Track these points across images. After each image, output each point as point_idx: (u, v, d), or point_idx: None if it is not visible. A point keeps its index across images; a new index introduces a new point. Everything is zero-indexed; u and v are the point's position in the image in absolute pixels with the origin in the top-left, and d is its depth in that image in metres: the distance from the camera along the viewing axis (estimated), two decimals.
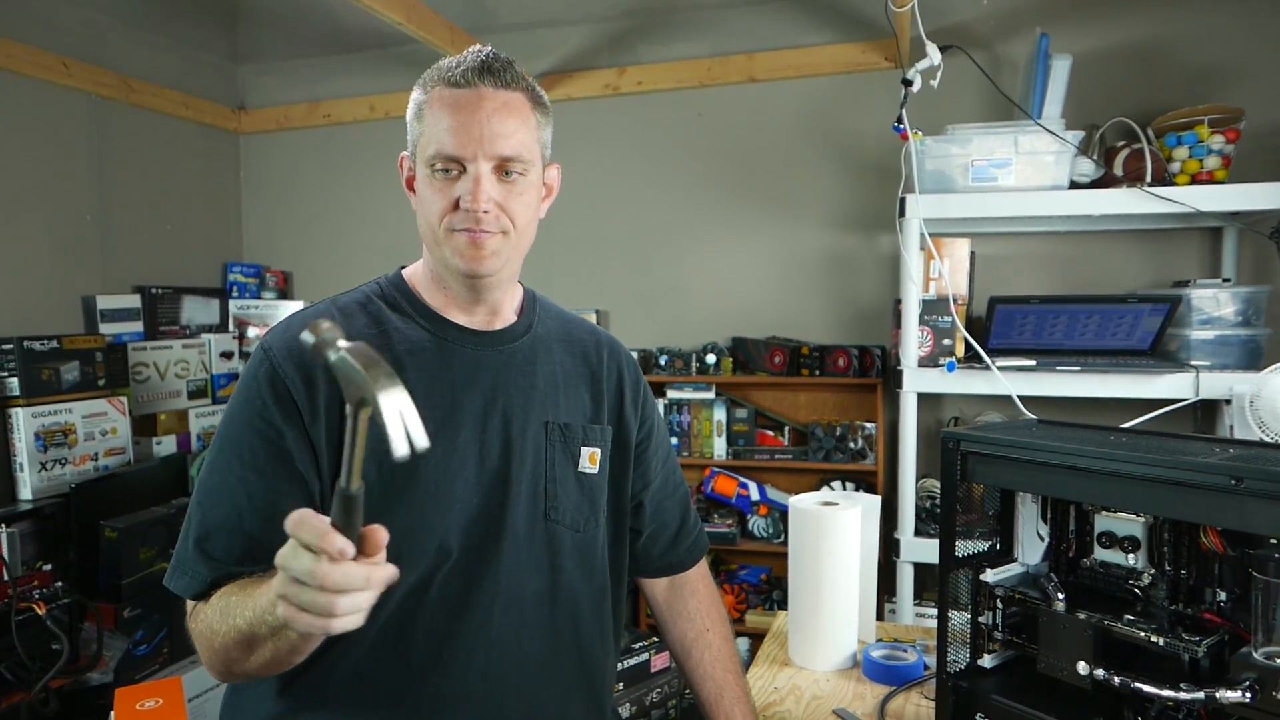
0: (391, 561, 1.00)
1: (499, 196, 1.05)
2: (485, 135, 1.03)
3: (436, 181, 1.05)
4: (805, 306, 3.32)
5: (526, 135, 1.06)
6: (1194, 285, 2.50)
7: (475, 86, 1.04)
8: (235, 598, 0.94)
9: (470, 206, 1.03)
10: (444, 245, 1.06)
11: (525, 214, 1.08)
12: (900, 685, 1.45)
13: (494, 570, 1.07)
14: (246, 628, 0.91)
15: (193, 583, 0.99)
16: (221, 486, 1.01)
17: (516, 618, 1.09)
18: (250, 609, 0.90)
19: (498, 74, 1.05)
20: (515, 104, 1.06)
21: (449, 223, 1.05)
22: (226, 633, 0.93)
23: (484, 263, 1.06)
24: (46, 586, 2.25)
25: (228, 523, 1.00)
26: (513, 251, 1.09)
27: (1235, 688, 0.89)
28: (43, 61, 3.09)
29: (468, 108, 1.03)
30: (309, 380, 1.02)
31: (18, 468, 2.76)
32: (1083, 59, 2.72)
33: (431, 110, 1.05)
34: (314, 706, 1.04)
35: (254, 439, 1.01)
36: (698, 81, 3.39)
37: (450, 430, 1.07)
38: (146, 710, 1.62)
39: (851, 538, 1.54)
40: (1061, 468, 1.05)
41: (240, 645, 0.93)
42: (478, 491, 1.07)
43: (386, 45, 3.69)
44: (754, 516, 3.23)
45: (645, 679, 2.37)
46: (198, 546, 1.00)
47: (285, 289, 4.02)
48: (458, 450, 1.07)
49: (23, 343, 2.78)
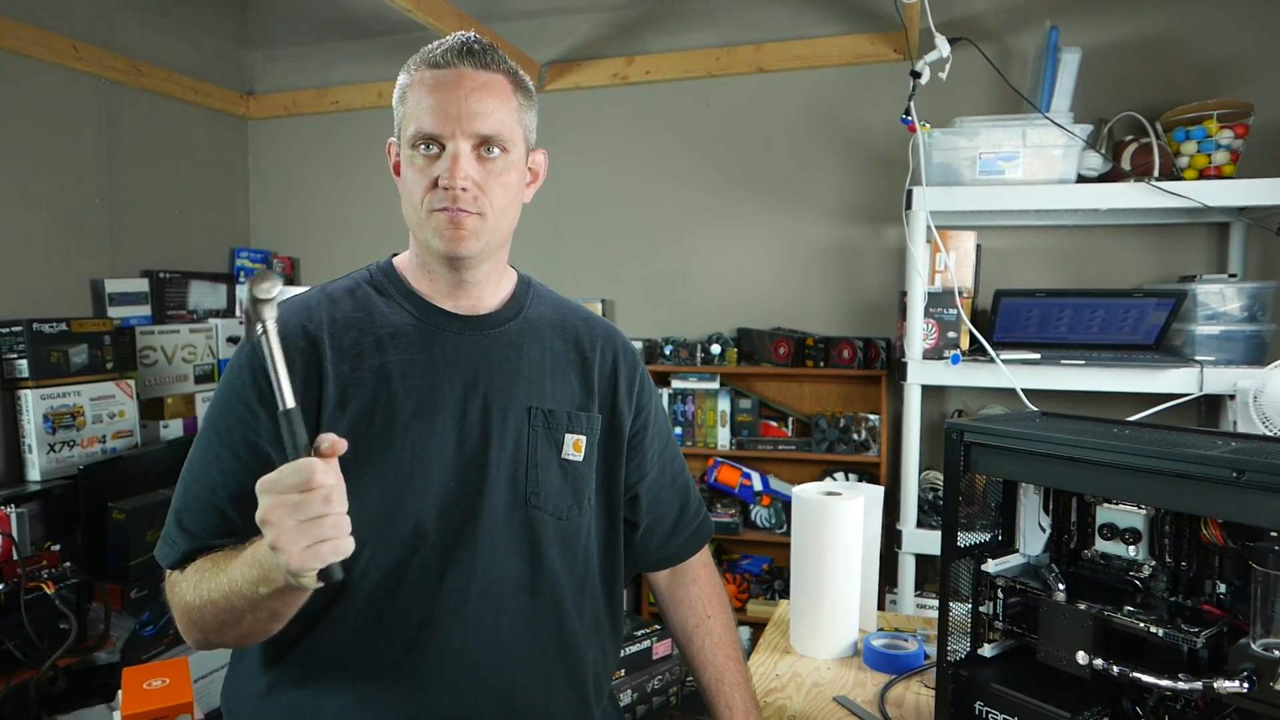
0: (368, 542, 1.04)
1: (477, 176, 1.05)
2: (464, 113, 1.04)
3: (418, 161, 1.06)
4: (810, 298, 3.32)
5: (506, 115, 1.07)
6: (1200, 280, 2.50)
7: (455, 67, 1.06)
8: (208, 571, 0.99)
9: (447, 184, 1.03)
10: (425, 227, 1.07)
11: (504, 196, 1.09)
12: (901, 674, 1.47)
13: (470, 554, 1.07)
14: (223, 600, 0.95)
15: (170, 553, 1.04)
16: (200, 463, 1.07)
17: (494, 603, 1.09)
18: (225, 581, 0.94)
19: (478, 55, 1.07)
20: (495, 84, 1.07)
21: (429, 202, 1.05)
22: (201, 604, 0.97)
23: (462, 244, 1.06)
24: (55, 566, 2.27)
25: (203, 497, 1.04)
26: (492, 234, 1.09)
27: (1233, 678, 0.89)
28: (53, 44, 3.09)
29: (447, 87, 1.05)
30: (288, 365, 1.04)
31: (26, 449, 2.79)
32: (1092, 52, 2.71)
33: (414, 92, 1.07)
34: (299, 683, 1.06)
35: (230, 419, 1.06)
36: (706, 71, 3.39)
37: (428, 413, 1.08)
38: (154, 689, 1.64)
39: (854, 527, 1.54)
40: (1064, 459, 1.05)
41: (216, 614, 0.97)
42: (455, 475, 1.08)
43: (395, 32, 3.69)
44: (757, 507, 3.24)
45: (647, 666, 2.39)
46: (176, 519, 1.05)
47: (292, 275, 4.03)
48: (435, 433, 1.07)
49: (31, 325, 2.80)
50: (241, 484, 1.02)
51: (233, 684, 1.15)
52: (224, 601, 0.95)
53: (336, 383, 1.06)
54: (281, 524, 0.82)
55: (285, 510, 0.82)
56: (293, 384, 1.03)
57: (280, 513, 0.82)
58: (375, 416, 1.06)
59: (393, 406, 1.06)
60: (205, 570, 0.99)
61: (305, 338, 1.07)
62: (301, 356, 1.06)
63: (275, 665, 1.08)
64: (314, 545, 0.82)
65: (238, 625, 0.97)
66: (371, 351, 1.08)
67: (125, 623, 2.47)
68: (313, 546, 0.82)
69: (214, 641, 1.03)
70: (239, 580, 0.93)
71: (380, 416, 1.06)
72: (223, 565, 0.97)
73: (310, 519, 0.82)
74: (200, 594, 0.98)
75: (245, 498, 1.01)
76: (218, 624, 0.98)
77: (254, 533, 1.01)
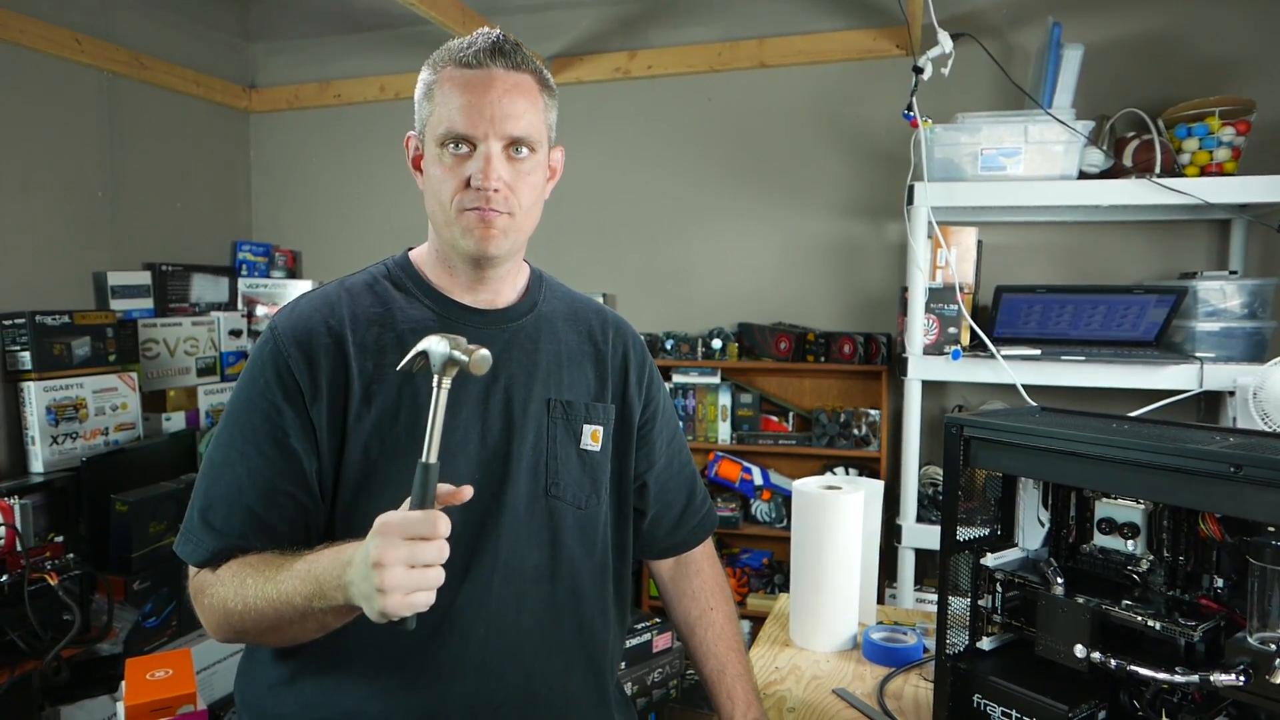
0: None
1: (508, 176, 1.06)
2: (496, 115, 1.04)
3: (446, 160, 1.06)
4: (811, 293, 3.32)
5: (535, 117, 1.08)
6: (1201, 277, 2.51)
7: (487, 67, 1.06)
8: (250, 577, 0.99)
9: (481, 185, 1.04)
10: (454, 225, 1.08)
11: (531, 195, 1.10)
12: (900, 667, 1.47)
13: (494, 544, 1.09)
14: (269, 609, 0.96)
15: (196, 550, 1.05)
16: (224, 461, 1.06)
17: (516, 591, 1.11)
18: (275, 592, 0.95)
19: (508, 55, 1.07)
20: (525, 85, 1.08)
21: (459, 202, 1.06)
22: (244, 610, 0.98)
23: (492, 243, 1.08)
24: (58, 558, 2.28)
25: (228, 496, 1.04)
26: (519, 232, 1.11)
27: (1230, 671, 0.90)
28: (55, 37, 3.09)
29: (479, 88, 1.05)
30: (311, 361, 1.06)
31: (29, 441, 2.79)
32: (1094, 49, 2.71)
33: (442, 90, 1.07)
34: (321, 672, 1.07)
35: (255, 417, 1.06)
36: (708, 66, 3.39)
37: (452, 407, 1.08)
38: (157, 680, 1.65)
39: (854, 521, 1.55)
40: (1064, 454, 1.06)
41: (259, 621, 0.98)
42: (479, 467, 1.09)
43: (397, 25, 3.69)
44: (757, 501, 3.25)
45: (647, 659, 2.40)
46: (201, 516, 1.05)
47: (294, 268, 4.03)
48: (459, 427, 1.09)
49: (34, 317, 2.80)
50: (269, 481, 1.03)
51: (248, 674, 1.15)
52: (270, 610, 0.96)
53: (361, 380, 1.07)
54: (394, 568, 0.84)
55: (403, 554, 0.84)
56: (317, 381, 1.05)
57: (397, 555, 0.84)
58: (400, 413, 1.07)
59: (417, 402, 1.07)
60: (247, 576, 0.99)
61: (329, 334, 1.08)
62: (326, 354, 1.06)
63: (294, 655, 1.08)
64: (414, 593, 0.85)
65: (281, 632, 0.99)
66: (394, 348, 1.08)
67: (128, 614, 2.48)
68: (412, 594, 0.85)
69: (250, 642, 1.05)
70: (291, 593, 0.94)
71: (405, 412, 1.07)
72: (269, 574, 0.97)
73: (421, 566, 0.85)
74: (243, 599, 0.98)
75: (274, 495, 1.04)
76: (259, 629, 0.99)
77: (284, 531, 1.04)
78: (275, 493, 1.04)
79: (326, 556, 0.94)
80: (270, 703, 1.10)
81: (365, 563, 0.85)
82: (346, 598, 0.90)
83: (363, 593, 0.87)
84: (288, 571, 0.96)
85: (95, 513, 2.66)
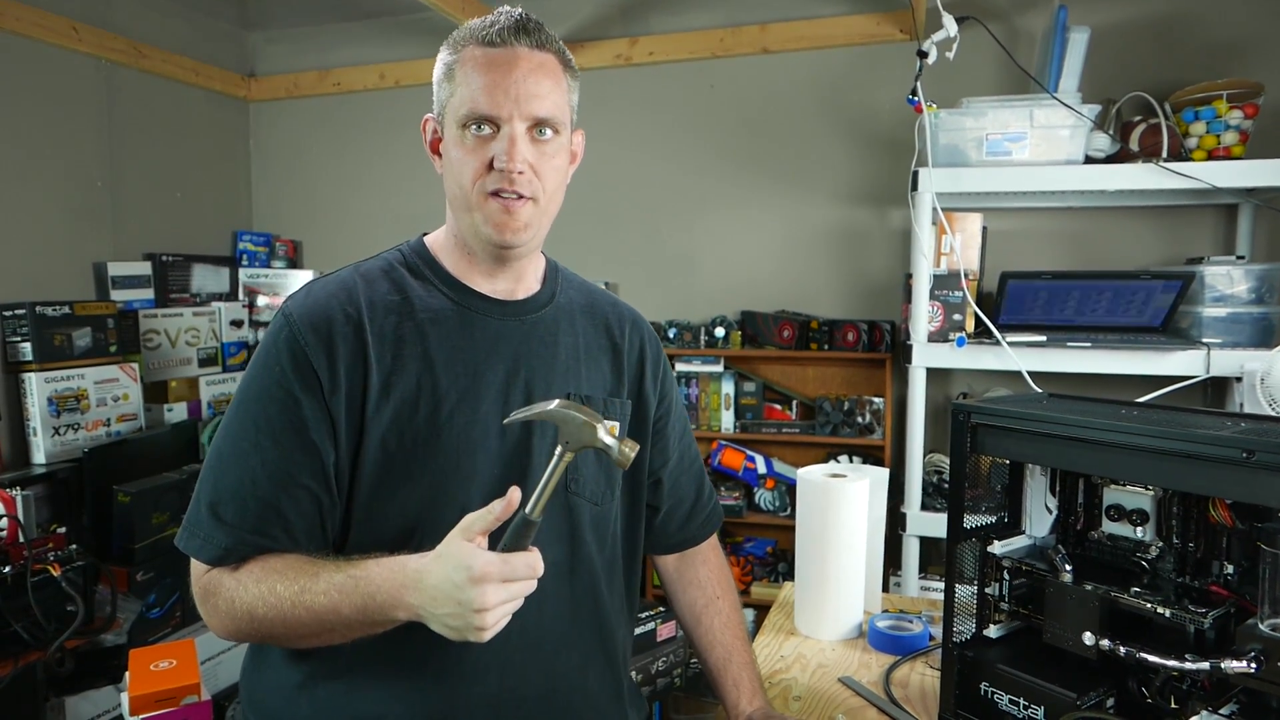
0: (413, 530, 1.03)
1: (532, 158, 1.04)
2: (521, 94, 1.02)
3: (469, 142, 1.03)
4: (815, 280, 3.31)
5: (560, 97, 1.06)
6: (1208, 262, 2.48)
7: (511, 46, 1.03)
8: (281, 585, 0.96)
9: (505, 166, 1.01)
10: (476, 211, 1.05)
11: (555, 178, 1.08)
12: (906, 655, 1.47)
13: None
14: (310, 618, 0.94)
15: (206, 546, 1.00)
16: (235, 452, 1.02)
17: (538, 588, 1.10)
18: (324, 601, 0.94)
19: (533, 34, 1.05)
20: (549, 65, 1.05)
21: (482, 185, 1.04)
22: (275, 616, 0.96)
23: (516, 234, 1.05)
24: (61, 549, 2.27)
25: (240, 489, 1.00)
26: (543, 219, 1.09)
27: (1240, 658, 0.89)
28: (52, 25, 3.07)
29: (503, 67, 1.02)
30: (330, 349, 1.02)
31: (31, 432, 2.79)
32: (1101, 32, 2.69)
33: (464, 70, 1.04)
34: (338, 674, 1.05)
35: (270, 406, 1.01)
36: (710, 52, 3.36)
37: (472, 400, 1.07)
38: (161, 670, 1.65)
39: (859, 509, 1.54)
40: (1072, 440, 1.05)
41: (293, 627, 0.96)
42: (499, 462, 1.07)
43: (398, 13, 3.66)
44: (761, 490, 3.24)
45: (651, 648, 2.39)
46: (210, 510, 1.01)
47: (295, 258, 4.02)
48: (479, 421, 1.06)
49: (35, 308, 2.80)
50: (286, 474, 1.00)
51: (258, 673, 1.12)
52: (311, 619, 0.94)
53: (379, 370, 1.03)
54: (496, 610, 0.87)
55: (503, 596, 0.87)
56: (336, 371, 1.02)
57: (499, 598, 0.87)
58: (420, 404, 1.04)
59: (436, 394, 1.05)
60: (275, 582, 0.96)
61: (348, 321, 1.04)
62: (345, 342, 1.03)
63: (309, 658, 1.05)
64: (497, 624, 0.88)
65: (317, 638, 0.97)
66: (413, 338, 1.06)
67: (132, 605, 2.48)
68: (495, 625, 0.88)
69: (267, 643, 1.03)
70: (342, 605, 0.93)
71: (425, 404, 1.04)
72: (303, 582, 0.95)
73: (512, 601, 0.89)
74: (275, 606, 0.95)
75: (291, 489, 1.00)
76: (290, 635, 0.97)
77: (300, 527, 1.01)
78: (292, 486, 1.00)
79: (377, 573, 0.92)
80: (283, 706, 1.07)
81: (459, 602, 0.86)
82: (413, 618, 0.90)
83: (453, 626, 0.88)
84: (327, 581, 0.93)
85: (98, 504, 2.66)
